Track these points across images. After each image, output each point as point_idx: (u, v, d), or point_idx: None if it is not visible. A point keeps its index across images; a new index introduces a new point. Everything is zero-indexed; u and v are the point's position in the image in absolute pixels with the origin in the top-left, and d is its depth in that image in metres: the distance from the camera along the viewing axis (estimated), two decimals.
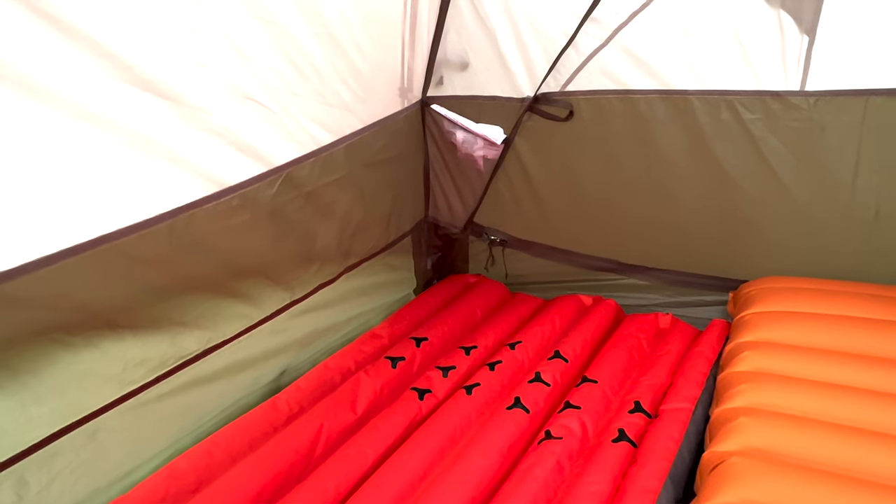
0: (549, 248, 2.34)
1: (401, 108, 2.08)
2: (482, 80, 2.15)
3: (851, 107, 1.70)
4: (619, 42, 1.91)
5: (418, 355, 1.96)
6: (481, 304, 2.27)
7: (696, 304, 2.15)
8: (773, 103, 1.78)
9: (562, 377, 1.81)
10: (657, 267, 2.18)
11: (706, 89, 1.85)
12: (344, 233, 1.90)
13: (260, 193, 1.52)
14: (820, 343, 1.62)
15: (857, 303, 1.71)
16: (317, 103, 1.63)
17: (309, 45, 1.55)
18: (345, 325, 2.08)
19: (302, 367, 1.91)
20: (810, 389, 1.48)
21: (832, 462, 1.29)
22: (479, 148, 2.21)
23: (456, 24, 2.10)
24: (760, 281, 1.92)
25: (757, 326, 1.71)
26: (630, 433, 1.57)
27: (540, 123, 2.12)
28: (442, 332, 2.08)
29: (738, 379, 1.56)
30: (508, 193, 2.30)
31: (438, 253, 2.54)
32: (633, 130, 1.99)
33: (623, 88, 1.96)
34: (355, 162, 1.83)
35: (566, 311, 2.16)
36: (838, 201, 1.80)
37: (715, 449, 1.39)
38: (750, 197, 1.91)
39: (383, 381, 1.82)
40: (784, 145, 1.81)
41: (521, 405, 1.68)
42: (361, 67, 1.80)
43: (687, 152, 1.94)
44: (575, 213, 2.22)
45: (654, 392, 1.72)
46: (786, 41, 1.73)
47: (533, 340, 1.99)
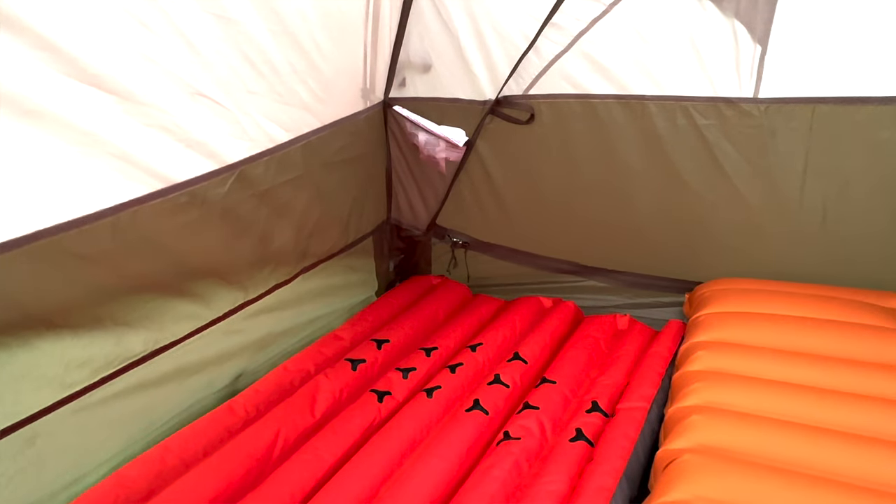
0: (510, 251, 2.35)
1: (362, 109, 2.07)
2: (444, 83, 2.16)
3: (799, 114, 1.76)
4: (580, 47, 1.94)
5: (379, 357, 1.95)
6: (443, 306, 2.27)
7: (653, 305, 2.19)
8: (726, 109, 1.83)
9: (521, 378, 1.82)
10: (616, 269, 2.22)
11: (663, 95, 1.89)
12: (301, 233, 1.88)
13: (211, 191, 1.49)
14: (771, 343, 1.66)
15: (807, 303, 1.77)
16: (273, 101, 1.61)
17: (266, 43, 1.53)
18: (304, 328, 2.05)
19: (259, 370, 1.87)
20: (762, 388, 1.52)
21: (782, 458, 1.32)
22: (441, 150, 2.21)
23: (418, 26, 2.10)
24: (714, 283, 1.96)
25: (710, 327, 1.75)
26: (587, 432, 1.59)
27: (502, 126, 2.14)
28: (403, 333, 2.07)
29: (691, 378, 1.59)
30: (470, 196, 2.30)
31: (401, 255, 2.53)
32: (593, 134, 2.02)
33: (583, 93, 1.99)
34: (313, 161, 1.81)
35: (526, 313, 2.18)
36: (788, 205, 1.86)
37: (668, 447, 1.41)
38: (705, 200, 1.96)
39: (343, 384, 1.80)
40: (737, 150, 1.86)
41: (480, 407, 1.69)
42: (321, 67, 1.78)
43: (644, 156, 1.98)
44: (536, 215, 2.24)
45: (611, 392, 1.74)
46: (740, 50, 1.77)
47: (493, 342, 2.00)
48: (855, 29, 1.64)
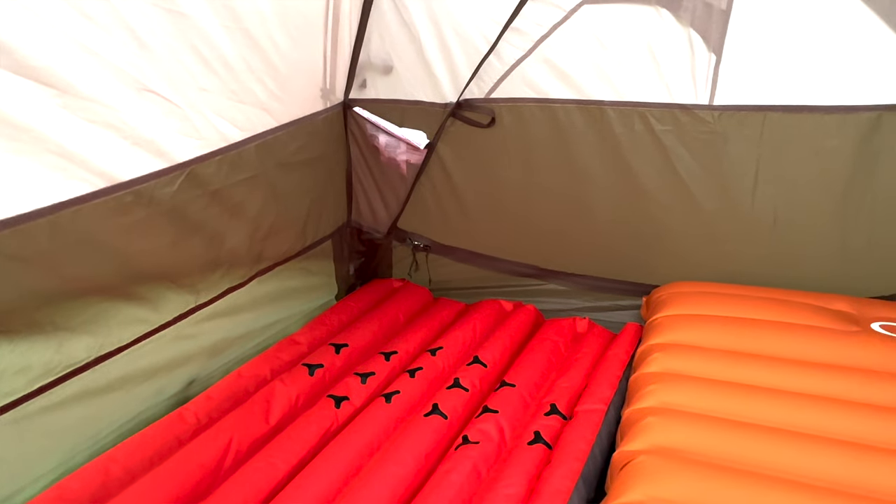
0: (472, 254, 2.35)
1: (321, 109, 2.04)
2: (406, 85, 2.15)
3: (751, 121, 1.80)
4: (541, 52, 1.95)
5: (337, 362, 1.91)
6: (404, 310, 2.25)
7: (611, 308, 2.21)
8: (681, 116, 1.86)
9: (480, 382, 1.81)
10: (576, 272, 2.23)
11: (621, 100, 1.92)
12: (255, 235, 1.83)
13: (158, 190, 1.44)
14: (725, 344, 1.69)
15: (758, 306, 1.81)
16: (227, 99, 1.56)
17: (219, 39, 1.49)
18: (260, 332, 2.00)
19: (213, 377, 1.82)
20: (716, 389, 1.54)
21: (736, 458, 1.33)
22: (402, 152, 2.20)
23: (379, 27, 2.08)
24: (671, 286, 1.99)
25: (667, 329, 1.78)
26: (545, 435, 1.59)
27: (463, 129, 2.13)
28: (363, 337, 2.04)
29: (647, 380, 1.60)
30: (432, 199, 2.29)
31: (362, 258, 2.50)
32: (553, 138, 2.03)
33: (543, 97, 2.00)
34: (268, 161, 1.77)
35: (487, 316, 2.17)
36: (740, 210, 1.90)
37: (624, 448, 1.42)
38: (661, 205, 1.99)
39: (299, 390, 1.76)
40: (692, 156, 1.90)
41: (438, 411, 1.67)
42: (278, 65, 1.75)
43: (603, 161, 2.00)
44: (497, 219, 2.24)
45: (569, 394, 1.75)
46: (695, 58, 1.81)
47: (453, 346, 1.98)
48: (803, 41, 1.69)
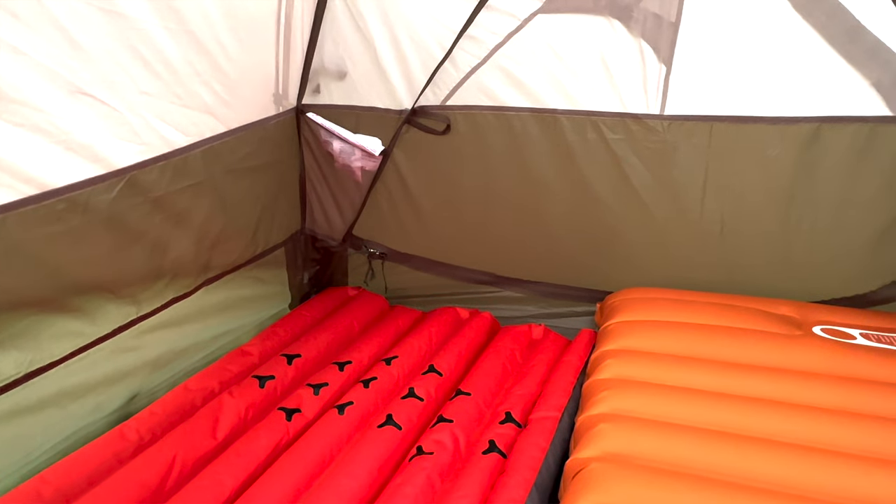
0: (428, 262, 2.33)
1: (273, 115, 2.00)
2: (360, 91, 2.13)
3: (699, 131, 1.84)
4: (496, 61, 1.96)
5: (289, 373, 1.87)
6: (359, 318, 2.22)
7: (567, 314, 2.23)
8: (633, 125, 1.90)
9: (436, 391, 1.79)
10: (531, 279, 2.24)
11: (574, 109, 1.94)
12: (202, 243, 1.77)
13: (94, 198, 1.37)
14: (676, 350, 1.72)
15: (708, 311, 1.85)
16: (170, 103, 1.51)
17: (161, 41, 1.44)
18: (209, 344, 1.93)
19: (157, 391, 1.75)
20: (668, 394, 1.56)
21: (688, 463, 1.35)
22: (356, 159, 2.17)
23: (333, 32, 2.06)
24: (624, 292, 2.02)
25: (619, 335, 1.79)
26: (500, 444, 1.58)
27: (418, 136, 2.12)
28: (316, 347, 2.00)
29: (600, 386, 1.61)
30: (387, 206, 2.27)
31: (316, 266, 2.45)
32: (508, 146, 2.04)
33: (498, 105, 2.00)
34: (216, 168, 1.72)
35: (443, 324, 2.16)
36: (690, 217, 1.94)
37: (577, 456, 1.42)
38: (614, 212, 2.02)
39: (249, 402, 1.71)
40: (643, 164, 1.93)
41: (392, 422, 1.64)
42: (227, 69, 1.70)
43: (557, 169, 2.02)
44: (453, 226, 2.23)
45: (524, 402, 1.75)
46: (647, 69, 1.85)
47: (409, 355, 1.96)
48: (748, 54, 1.74)
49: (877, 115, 1.68)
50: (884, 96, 1.66)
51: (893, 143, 1.68)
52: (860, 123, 1.70)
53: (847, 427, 1.40)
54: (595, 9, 1.84)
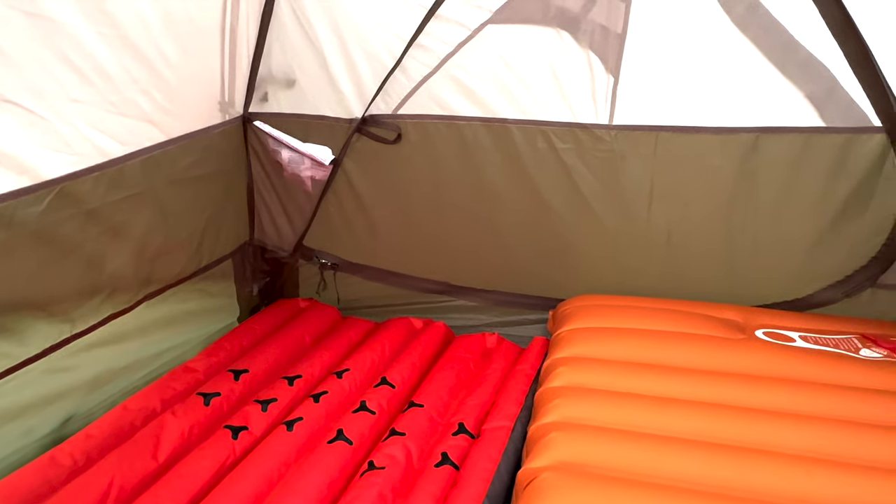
0: (380, 272, 2.30)
1: (218, 123, 1.95)
2: (310, 99, 2.10)
3: (645, 140, 1.88)
4: (447, 70, 1.96)
5: (236, 389, 1.81)
6: (310, 330, 2.17)
7: (520, 322, 2.24)
8: (581, 134, 1.92)
9: (388, 404, 1.77)
10: (485, 288, 2.24)
11: (525, 119, 1.95)
12: (142, 256, 1.70)
13: (21, 210, 1.30)
14: (626, 356, 1.74)
15: (657, 317, 1.88)
16: (105, 112, 1.45)
17: (94, 47, 1.38)
18: (151, 361, 1.86)
19: (94, 412, 1.67)
20: (619, 401, 1.57)
21: (639, 470, 1.36)
22: (306, 168, 2.13)
23: (280, 39, 2.02)
24: (575, 299, 2.04)
25: (571, 343, 1.81)
26: (453, 456, 1.56)
27: (369, 145, 2.10)
28: (265, 361, 1.95)
29: (552, 395, 1.62)
30: (339, 215, 2.24)
31: (266, 277, 2.39)
32: (459, 155, 2.03)
33: (449, 114, 2.00)
34: (156, 178, 1.66)
35: (396, 335, 2.13)
36: (637, 225, 1.97)
37: (529, 465, 1.41)
38: (565, 221, 2.03)
39: (193, 421, 1.65)
40: (592, 174, 1.95)
41: (343, 437, 1.61)
42: (167, 76, 1.65)
43: (508, 178, 2.02)
44: (406, 235, 2.21)
45: (477, 412, 1.74)
46: (595, 79, 1.87)
47: (361, 367, 1.93)
48: (691, 66, 1.78)
49: (811, 126, 1.74)
50: (817, 108, 1.73)
51: (826, 152, 1.75)
52: (796, 134, 1.76)
53: (788, 428, 1.44)
54: (544, 20, 1.86)
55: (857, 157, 1.73)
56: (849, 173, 1.76)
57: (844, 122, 1.71)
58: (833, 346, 1.73)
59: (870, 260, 1.85)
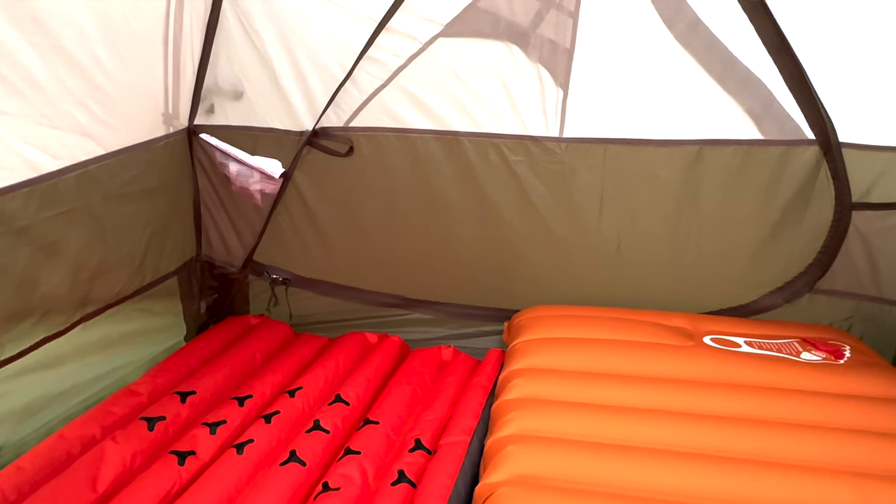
0: (334, 286, 2.27)
1: (161, 136, 1.88)
2: (258, 111, 2.05)
3: (594, 153, 1.92)
4: (399, 83, 1.95)
5: (183, 412, 1.73)
6: (261, 348, 2.11)
7: (476, 334, 2.23)
8: (532, 147, 1.94)
9: (343, 422, 1.73)
10: (440, 301, 2.23)
11: (477, 131, 1.96)
12: (78, 276, 1.62)
13: None
14: (579, 366, 1.76)
15: (609, 326, 1.91)
16: (37, 125, 1.37)
17: (25, 57, 1.31)
18: (89, 385, 1.76)
19: (26, 442, 1.57)
20: (574, 411, 1.58)
21: (596, 480, 1.36)
22: (255, 181, 2.08)
23: (227, 50, 1.98)
24: (529, 310, 2.05)
25: (526, 354, 1.81)
26: (409, 473, 1.54)
27: (320, 158, 2.07)
28: (214, 382, 1.88)
29: (508, 407, 1.61)
30: (290, 230, 2.19)
31: (214, 294, 2.32)
32: (412, 168, 2.03)
33: (401, 127, 1.99)
34: (93, 193, 1.59)
35: (350, 350, 2.09)
36: (588, 236, 2.01)
37: (486, 480, 1.40)
38: (518, 232, 2.05)
39: (136, 448, 1.57)
40: (543, 185, 1.98)
41: (296, 458, 1.56)
42: (105, 87, 1.58)
43: (461, 190, 2.03)
44: (359, 249, 2.18)
45: (434, 427, 1.72)
46: (545, 93, 1.90)
47: (314, 385, 1.88)
48: (636, 80, 1.82)
49: (750, 139, 1.81)
50: (755, 121, 1.80)
51: (765, 164, 1.82)
52: (736, 146, 1.83)
53: (735, 433, 1.47)
54: (494, 34, 1.87)
55: (793, 168, 1.81)
56: (786, 184, 1.83)
57: (781, 135, 1.79)
58: (776, 350, 1.79)
59: (807, 266, 1.94)
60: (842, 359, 1.75)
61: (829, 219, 1.85)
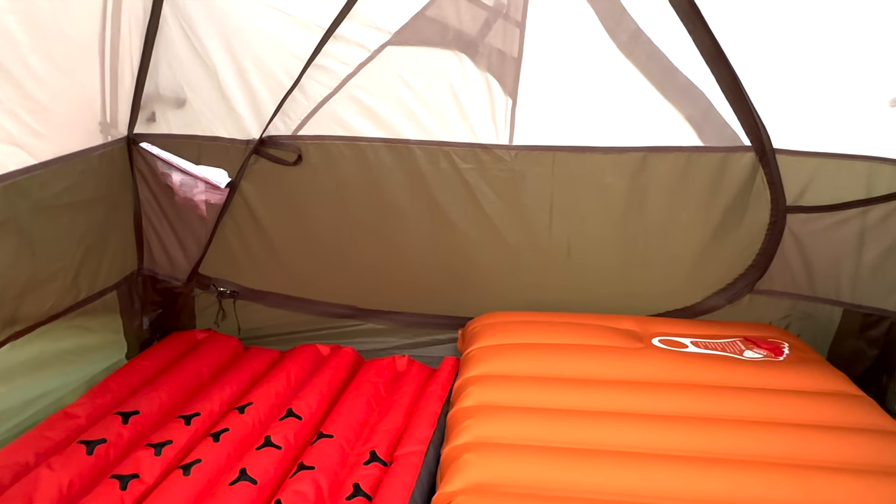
0: (284, 297, 2.22)
1: (98, 145, 1.80)
2: (202, 119, 2.00)
3: (543, 160, 1.94)
4: (348, 91, 1.93)
5: (125, 433, 1.66)
6: (209, 363, 2.04)
7: (430, 343, 2.23)
8: (482, 155, 1.95)
9: (295, 437, 1.68)
10: (393, 310, 2.21)
11: (427, 139, 1.96)
12: (5, 293, 1.52)
13: None
14: (534, 371, 1.77)
15: (561, 331, 1.93)
16: None
17: None
18: (21, 410, 1.66)
19: None
20: (529, 417, 1.59)
21: (552, 485, 1.37)
22: (200, 192, 2.01)
23: (168, 56, 1.92)
24: (483, 317, 2.06)
25: (480, 361, 1.81)
26: (365, 486, 1.51)
27: (268, 167, 2.02)
28: (158, 400, 1.80)
29: (464, 415, 1.61)
30: (237, 241, 2.13)
31: (158, 309, 2.23)
32: (363, 176, 2.01)
33: (351, 135, 1.97)
34: (21, 205, 1.50)
35: (302, 363, 2.05)
36: (539, 242, 2.03)
37: (443, 490, 1.39)
38: (470, 239, 2.05)
39: (74, 474, 1.48)
40: (494, 192, 1.99)
41: (247, 477, 1.51)
42: (36, 95, 1.51)
43: (413, 198, 2.02)
44: (310, 259, 2.15)
45: (389, 438, 1.70)
46: (494, 101, 1.91)
47: (265, 400, 1.83)
48: (583, 88, 1.86)
49: (691, 146, 1.88)
50: (695, 128, 1.87)
51: (705, 170, 1.89)
52: (678, 153, 1.88)
53: (683, 431, 1.51)
54: (442, 42, 1.88)
55: (732, 173, 1.88)
56: (725, 189, 1.91)
57: (720, 142, 1.86)
58: (720, 349, 1.85)
59: (747, 268, 2.01)
60: (781, 356, 1.83)
61: (765, 222, 1.93)
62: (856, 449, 1.45)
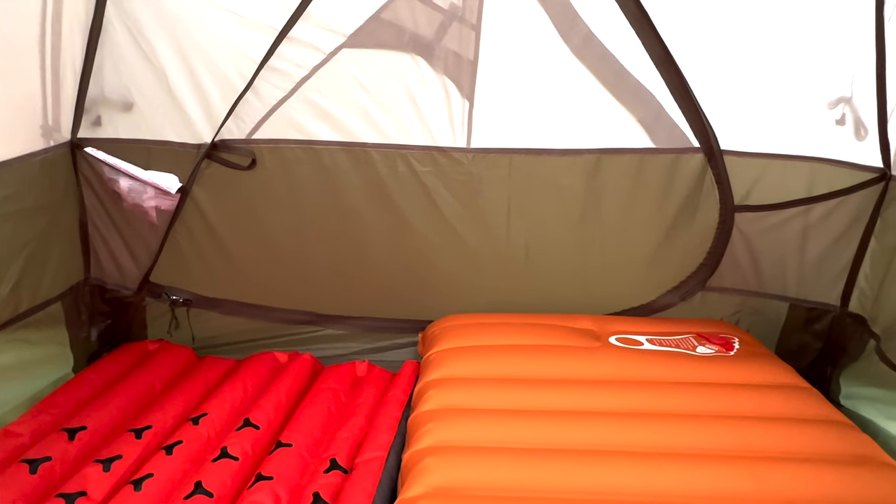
0: (240, 305, 2.17)
1: (38, 150, 1.73)
2: (151, 123, 1.94)
3: (500, 163, 1.96)
4: (304, 94, 1.91)
5: (72, 450, 1.59)
6: (161, 375, 1.97)
7: (391, 347, 2.21)
8: (440, 157, 1.95)
9: (253, 447, 1.64)
10: (352, 315, 2.19)
11: (384, 143, 1.95)
12: None
13: None
14: (494, 373, 1.78)
15: (520, 332, 1.95)
16: None
17: None
18: None
19: None
20: (489, 419, 1.59)
21: (514, 486, 1.37)
22: (149, 197, 1.95)
23: (113, 58, 1.86)
24: (442, 320, 2.06)
25: (440, 364, 1.81)
26: (325, 495, 1.48)
27: (221, 172, 1.98)
28: (107, 415, 1.73)
29: (425, 419, 1.60)
30: (189, 247, 2.07)
31: (107, 320, 2.15)
32: (319, 181, 1.98)
33: (307, 139, 1.94)
34: None
35: (259, 371, 2.00)
36: (497, 244, 2.04)
37: (405, 496, 1.37)
38: (429, 242, 2.05)
39: (16, 494, 1.41)
40: (452, 195, 1.99)
41: (203, 490, 1.46)
42: None
43: (371, 202, 2.01)
44: (266, 265, 2.10)
45: (350, 445, 1.67)
46: (451, 104, 1.92)
47: (220, 410, 1.78)
48: (538, 91, 1.88)
49: (644, 147, 1.92)
50: (647, 130, 1.91)
51: (657, 171, 1.93)
52: (632, 154, 1.93)
53: (641, 428, 1.54)
54: (399, 45, 1.88)
55: (683, 174, 1.94)
56: (677, 189, 1.96)
57: (670, 144, 1.91)
58: (675, 346, 1.90)
59: (698, 266, 2.07)
60: (732, 350, 1.89)
61: (715, 221, 1.99)
62: (803, 438, 1.50)
